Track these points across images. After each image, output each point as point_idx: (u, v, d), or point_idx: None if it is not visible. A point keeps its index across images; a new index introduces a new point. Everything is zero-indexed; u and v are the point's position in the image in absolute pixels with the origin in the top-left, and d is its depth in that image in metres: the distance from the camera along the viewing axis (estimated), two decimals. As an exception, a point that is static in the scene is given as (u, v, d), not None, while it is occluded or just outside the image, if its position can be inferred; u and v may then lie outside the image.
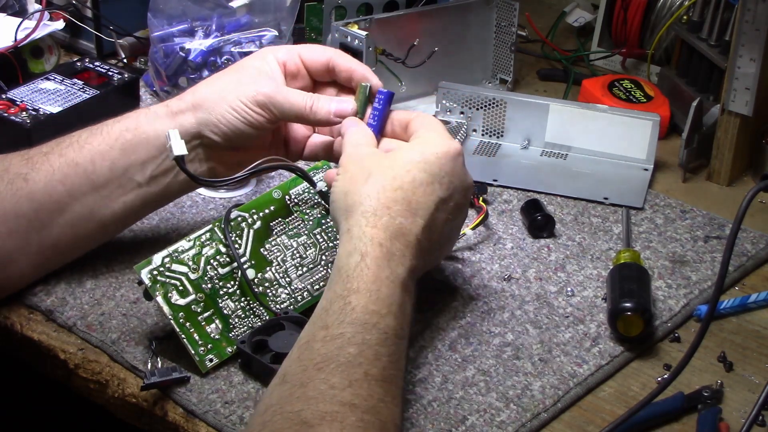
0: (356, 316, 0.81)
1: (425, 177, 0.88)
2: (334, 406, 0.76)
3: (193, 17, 1.27)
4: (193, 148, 0.97)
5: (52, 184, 0.97)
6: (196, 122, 0.97)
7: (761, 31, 1.13)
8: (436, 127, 0.93)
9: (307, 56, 1.00)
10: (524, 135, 1.26)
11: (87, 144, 0.98)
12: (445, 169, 0.90)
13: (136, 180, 0.98)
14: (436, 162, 0.89)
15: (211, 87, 0.99)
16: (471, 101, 1.27)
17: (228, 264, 0.94)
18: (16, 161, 0.99)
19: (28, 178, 0.97)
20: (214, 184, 1.07)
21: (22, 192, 0.97)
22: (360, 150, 0.92)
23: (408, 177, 0.88)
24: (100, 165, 0.97)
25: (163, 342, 0.94)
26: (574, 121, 1.24)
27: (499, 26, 1.37)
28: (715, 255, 1.09)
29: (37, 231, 0.97)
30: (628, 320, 0.95)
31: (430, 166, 0.89)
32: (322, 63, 1.00)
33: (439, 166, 0.89)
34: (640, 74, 1.41)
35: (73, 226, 0.99)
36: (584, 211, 1.16)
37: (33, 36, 1.33)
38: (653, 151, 1.22)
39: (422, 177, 0.88)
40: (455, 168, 0.91)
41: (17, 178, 0.97)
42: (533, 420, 0.88)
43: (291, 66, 0.99)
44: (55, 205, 0.97)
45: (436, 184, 0.89)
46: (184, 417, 0.89)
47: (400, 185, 0.88)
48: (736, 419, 0.89)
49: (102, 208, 0.99)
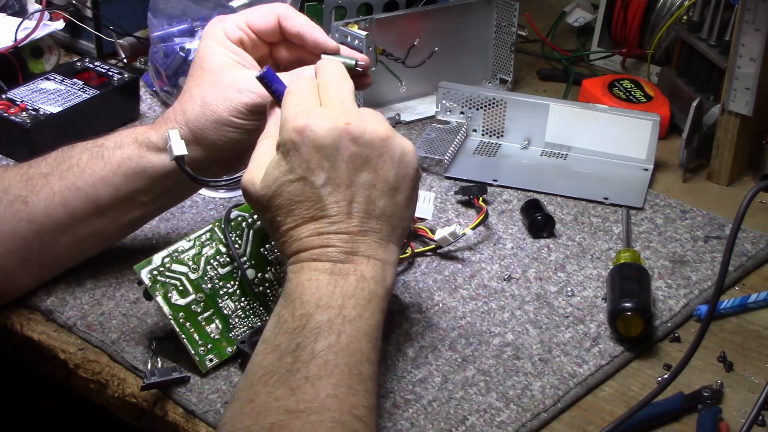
0: (288, 325, 0.81)
1: (293, 188, 0.84)
2: (280, 416, 0.76)
3: (193, 17, 1.27)
4: None
5: (53, 207, 0.96)
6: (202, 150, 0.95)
7: (761, 31, 1.13)
8: (270, 127, 0.90)
9: (256, 24, 0.97)
10: (524, 135, 1.26)
11: (88, 168, 0.96)
12: (292, 162, 0.84)
13: (142, 200, 0.98)
14: (282, 166, 0.85)
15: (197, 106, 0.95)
16: (471, 101, 1.27)
17: (228, 264, 0.94)
18: (15, 182, 0.97)
19: (27, 200, 0.96)
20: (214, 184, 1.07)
21: (22, 214, 0.96)
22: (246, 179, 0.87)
23: (280, 201, 0.85)
24: (103, 190, 0.96)
25: (163, 342, 0.94)
26: (574, 121, 1.24)
27: (499, 26, 1.37)
28: (715, 255, 1.09)
29: (39, 250, 0.97)
30: (628, 320, 0.95)
31: (282, 174, 0.84)
32: (271, 28, 0.97)
33: (287, 167, 0.84)
34: (640, 74, 1.41)
35: (77, 244, 0.99)
36: (584, 211, 1.16)
37: (33, 36, 1.33)
38: (653, 151, 1.22)
39: (289, 189, 0.84)
40: (297, 152, 0.84)
41: (16, 200, 0.96)
42: (533, 420, 0.88)
43: (246, 41, 0.97)
44: (57, 226, 0.97)
45: (299, 182, 0.84)
46: (184, 417, 0.89)
47: (282, 213, 0.85)
48: (736, 419, 0.89)
49: (108, 227, 0.99)
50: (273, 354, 0.80)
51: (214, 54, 0.96)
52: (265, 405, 0.77)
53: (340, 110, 0.85)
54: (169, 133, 0.92)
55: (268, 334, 0.83)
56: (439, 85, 1.28)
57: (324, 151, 0.83)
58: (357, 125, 0.84)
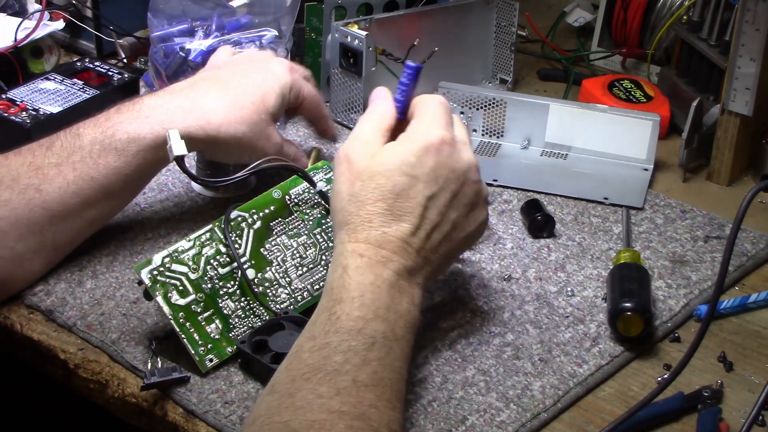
0: (341, 324, 0.81)
1: (406, 181, 0.87)
2: (322, 414, 0.75)
3: (193, 17, 1.27)
4: None
5: (68, 195, 0.99)
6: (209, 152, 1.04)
7: (761, 31, 1.13)
8: (425, 114, 0.91)
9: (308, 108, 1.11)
10: (524, 135, 1.26)
11: (101, 160, 0.99)
12: (429, 165, 0.87)
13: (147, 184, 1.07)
14: (416, 162, 0.87)
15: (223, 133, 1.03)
16: (471, 101, 1.27)
17: (228, 264, 0.94)
18: (24, 171, 0.99)
19: (41, 189, 0.98)
20: (214, 184, 1.07)
21: (36, 201, 0.98)
22: (354, 147, 0.90)
23: (389, 185, 0.86)
24: (116, 180, 1.00)
25: (163, 342, 0.94)
26: (574, 121, 1.24)
27: (499, 26, 1.37)
28: (715, 255, 1.09)
29: (51, 234, 1.00)
30: (628, 320, 0.95)
31: (410, 168, 0.87)
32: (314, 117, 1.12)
33: (420, 164, 0.87)
34: (640, 74, 1.41)
35: (86, 226, 1.02)
36: (584, 211, 1.16)
37: (33, 36, 1.33)
38: (653, 151, 1.22)
39: (403, 181, 0.86)
40: (440, 159, 0.88)
41: (29, 188, 0.98)
42: (533, 420, 0.88)
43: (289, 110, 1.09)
44: (69, 212, 1.00)
45: (420, 185, 0.87)
46: (184, 417, 0.89)
47: (381, 196, 0.86)
48: (736, 419, 0.89)
49: (114, 207, 1.05)
50: (321, 351, 0.80)
51: (277, 100, 1.06)
52: (306, 401, 0.76)
53: (471, 148, 0.92)
54: (169, 133, 0.93)
55: (318, 330, 0.82)
56: (439, 85, 1.28)
57: (451, 173, 0.88)
58: (478, 170, 0.91)
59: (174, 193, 1.15)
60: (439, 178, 0.88)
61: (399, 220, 0.86)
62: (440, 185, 0.88)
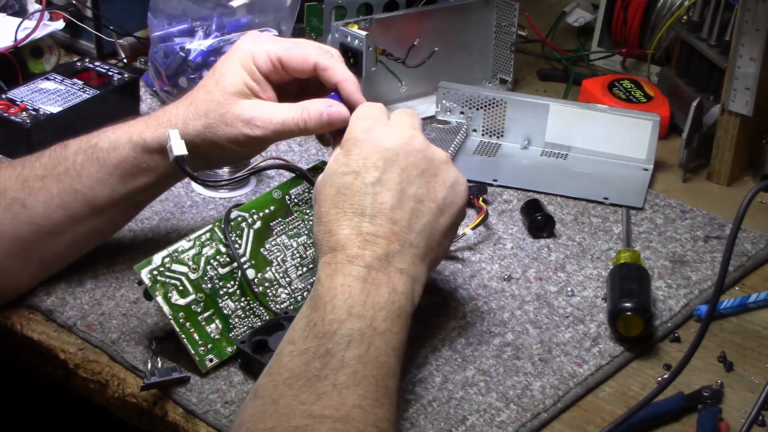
0: (317, 330, 0.81)
1: (346, 179, 0.86)
2: (304, 420, 0.76)
3: (193, 17, 1.27)
4: None
5: (52, 209, 0.96)
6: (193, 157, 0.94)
7: (761, 31, 1.13)
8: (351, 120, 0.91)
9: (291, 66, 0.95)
10: (524, 135, 1.26)
11: (84, 171, 0.96)
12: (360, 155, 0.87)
13: (138, 199, 0.99)
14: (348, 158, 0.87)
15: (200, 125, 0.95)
16: (471, 101, 1.27)
17: (228, 264, 0.94)
18: (11, 183, 0.97)
19: (26, 204, 0.96)
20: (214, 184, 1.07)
21: (21, 217, 0.96)
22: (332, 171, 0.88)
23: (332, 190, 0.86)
24: (101, 192, 0.97)
25: (163, 342, 0.94)
26: (574, 121, 1.24)
27: (499, 26, 1.37)
28: (715, 255, 1.09)
29: (39, 251, 0.98)
30: (628, 320, 0.95)
31: (345, 165, 0.87)
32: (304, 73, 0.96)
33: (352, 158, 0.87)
34: (640, 74, 1.41)
35: (75, 242, 0.99)
36: (584, 211, 1.16)
37: (33, 36, 1.33)
38: (653, 151, 1.22)
39: (343, 180, 0.86)
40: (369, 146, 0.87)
41: (14, 203, 0.96)
42: (533, 420, 0.88)
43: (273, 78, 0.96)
44: (56, 227, 0.97)
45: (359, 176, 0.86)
46: (184, 417, 0.89)
47: (331, 203, 0.86)
48: (736, 419, 0.89)
49: (105, 224, 1.00)
50: (300, 357, 0.80)
51: (234, 75, 0.95)
52: (289, 407, 0.77)
53: (409, 126, 0.89)
54: (169, 132, 0.93)
55: (297, 336, 0.82)
56: (439, 85, 1.28)
57: (384, 152, 0.87)
58: (421, 140, 0.89)
59: (174, 193, 1.15)
60: (377, 162, 0.86)
61: (354, 215, 0.86)
62: (381, 167, 0.86)
